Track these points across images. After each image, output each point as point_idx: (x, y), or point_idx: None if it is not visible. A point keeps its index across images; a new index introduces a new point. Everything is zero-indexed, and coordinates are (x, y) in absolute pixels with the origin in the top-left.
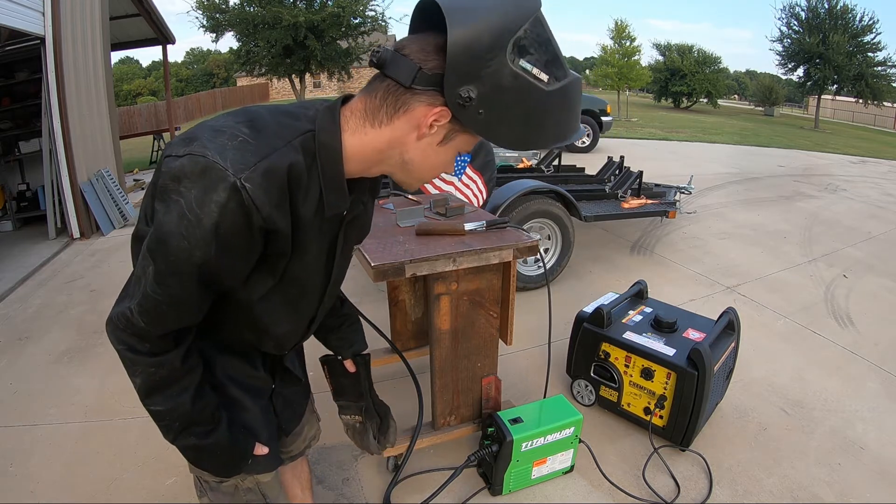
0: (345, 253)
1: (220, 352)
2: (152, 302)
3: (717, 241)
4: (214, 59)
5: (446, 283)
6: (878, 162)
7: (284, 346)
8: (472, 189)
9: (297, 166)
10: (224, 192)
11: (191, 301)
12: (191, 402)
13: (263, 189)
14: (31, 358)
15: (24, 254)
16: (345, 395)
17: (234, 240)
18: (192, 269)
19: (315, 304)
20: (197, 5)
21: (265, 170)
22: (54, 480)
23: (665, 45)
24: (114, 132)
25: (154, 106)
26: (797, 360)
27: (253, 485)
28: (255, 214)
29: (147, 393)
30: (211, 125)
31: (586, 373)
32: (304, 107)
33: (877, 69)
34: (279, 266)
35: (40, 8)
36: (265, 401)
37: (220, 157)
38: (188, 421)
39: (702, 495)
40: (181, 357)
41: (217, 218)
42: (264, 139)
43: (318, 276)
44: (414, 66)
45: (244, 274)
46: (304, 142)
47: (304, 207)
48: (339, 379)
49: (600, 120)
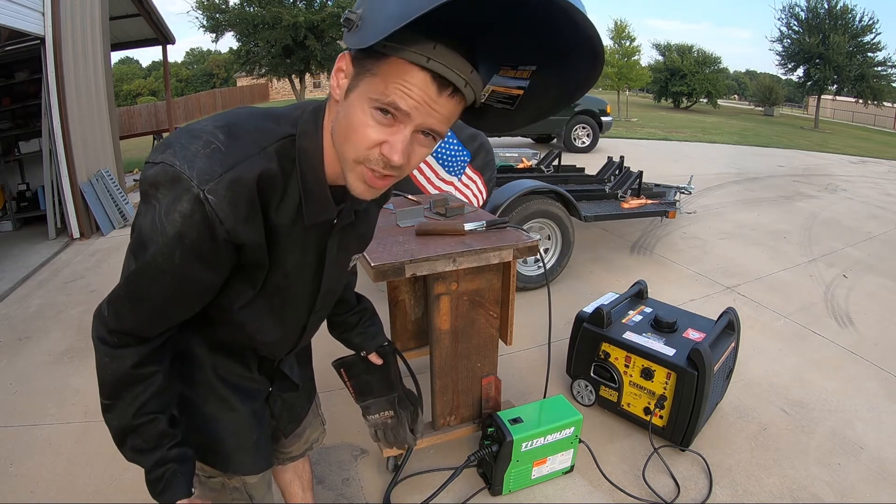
0: (339, 263)
1: (214, 350)
2: (118, 296)
3: (717, 241)
4: (214, 60)
5: (446, 283)
6: (878, 162)
7: (277, 353)
8: (472, 189)
9: (268, 175)
10: (188, 204)
11: (151, 307)
12: (133, 414)
13: (228, 201)
14: (31, 358)
15: (24, 254)
16: (371, 393)
17: (199, 251)
18: (156, 274)
19: (304, 313)
20: (197, 5)
21: (231, 180)
22: (54, 480)
23: (665, 46)
24: (114, 132)
25: (154, 106)
26: (797, 360)
27: (240, 484)
28: (219, 227)
29: (99, 385)
30: (190, 130)
31: (586, 373)
32: (294, 108)
33: (877, 69)
34: (257, 277)
35: (40, 8)
36: (258, 403)
37: (188, 166)
38: (127, 429)
39: (702, 495)
40: (136, 359)
41: (180, 228)
42: (237, 147)
43: (305, 285)
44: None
45: (216, 284)
46: (282, 147)
47: (280, 216)
48: (362, 377)
49: (600, 120)
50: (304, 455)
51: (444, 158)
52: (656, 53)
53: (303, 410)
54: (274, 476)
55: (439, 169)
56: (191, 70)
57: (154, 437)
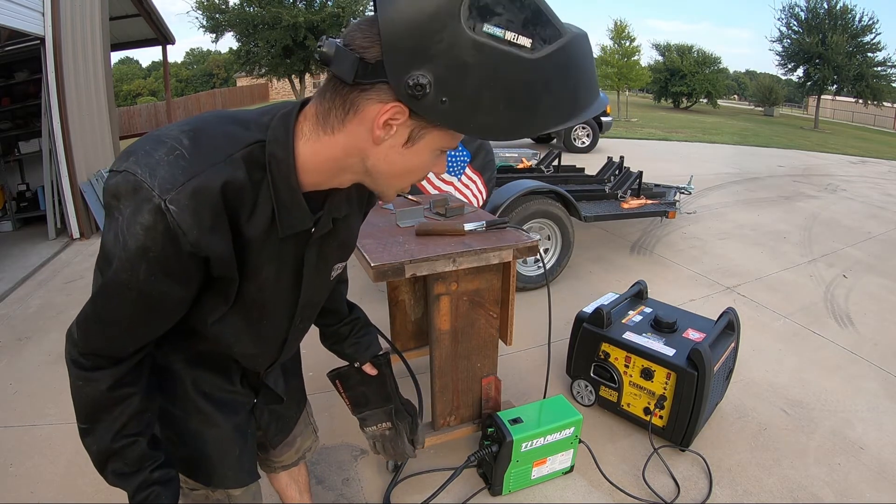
0: (319, 273)
1: (193, 365)
2: (85, 316)
3: (716, 241)
4: (214, 60)
5: (446, 283)
6: (878, 162)
7: (258, 366)
8: (472, 189)
9: (234, 184)
10: (149, 215)
11: (118, 326)
12: (112, 438)
13: (191, 211)
14: (31, 358)
15: (24, 254)
16: (368, 405)
17: (165, 265)
18: (122, 290)
19: (283, 326)
20: (197, 5)
21: (193, 190)
22: (54, 480)
23: (665, 46)
24: (114, 132)
25: (154, 106)
26: (797, 360)
27: (224, 497)
28: (183, 239)
29: (75, 409)
30: (156, 136)
31: (586, 373)
32: (263, 113)
33: (876, 69)
34: (229, 290)
35: (40, 8)
36: (242, 416)
37: (150, 175)
38: (107, 453)
39: (702, 495)
40: (110, 381)
41: (143, 241)
42: (201, 154)
43: (282, 298)
44: (355, 58)
45: (186, 299)
46: (250, 155)
47: (251, 227)
48: (358, 388)
49: (600, 120)
50: (296, 464)
51: None
52: (656, 53)
53: (292, 420)
54: (270, 480)
55: None
56: (191, 70)
57: (135, 460)
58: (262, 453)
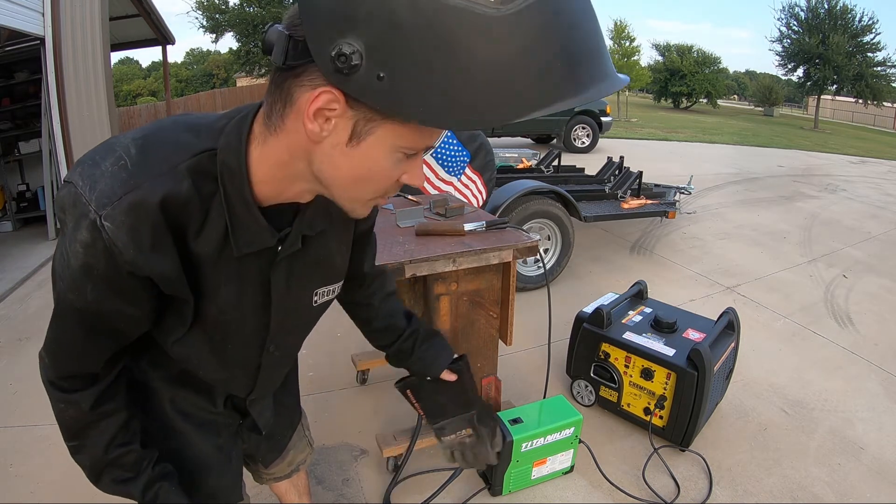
0: (292, 296)
1: (174, 384)
2: (48, 341)
3: (716, 241)
4: (214, 60)
5: (446, 283)
6: (878, 162)
7: (234, 391)
8: (472, 189)
9: (176, 198)
10: (87, 232)
11: (77, 347)
12: (104, 449)
13: (127, 229)
14: (31, 358)
15: (24, 254)
16: (446, 413)
17: (110, 283)
18: (71, 311)
19: (254, 352)
20: (197, 6)
21: (129, 205)
22: (54, 480)
23: (664, 46)
24: (114, 133)
25: (154, 107)
26: (797, 360)
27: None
28: (119, 258)
29: (62, 430)
30: (110, 143)
31: (586, 373)
32: (222, 117)
33: (876, 69)
34: (184, 310)
35: (40, 8)
36: (224, 438)
37: (90, 188)
38: (102, 463)
39: (702, 495)
40: (91, 401)
41: (83, 259)
42: (145, 164)
43: (248, 322)
44: (285, 36)
45: (140, 319)
46: (197, 165)
47: (201, 244)
48: (433, 398)
49: (600, 120)
50: (289, 476)
51: (443, 158)
52: (656, 54)
53: (284, 438)
54: (269, 485)
55: (439, 169)
56: (191, 70)
57: (132, 465)
58: (253, 465)
